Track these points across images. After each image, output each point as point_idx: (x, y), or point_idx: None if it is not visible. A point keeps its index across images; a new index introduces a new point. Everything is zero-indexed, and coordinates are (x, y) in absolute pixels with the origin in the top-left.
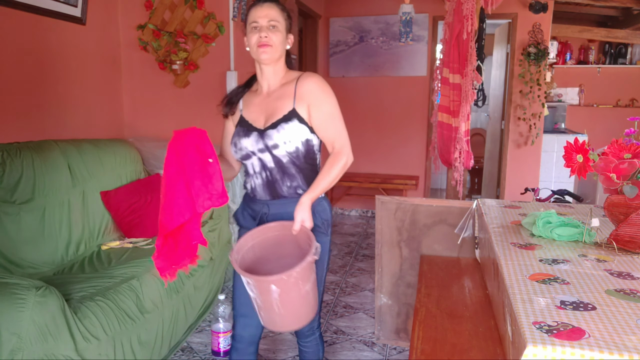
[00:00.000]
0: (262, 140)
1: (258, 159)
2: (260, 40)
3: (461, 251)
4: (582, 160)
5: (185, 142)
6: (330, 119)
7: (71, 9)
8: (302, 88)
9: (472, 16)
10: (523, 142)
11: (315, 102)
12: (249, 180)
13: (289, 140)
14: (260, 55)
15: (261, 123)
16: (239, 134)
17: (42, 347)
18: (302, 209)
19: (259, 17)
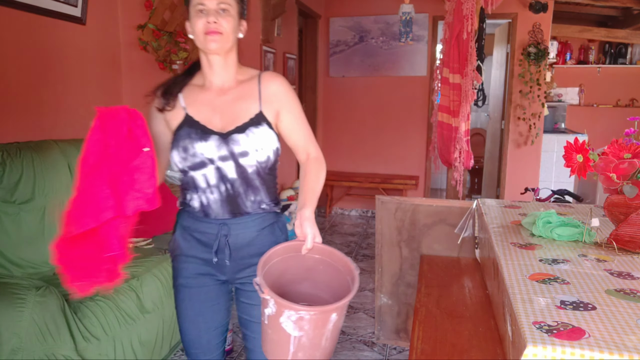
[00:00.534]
0: (226, 146)
1: (216, 169)
2: (208, 26)
3: (461, 251)
4: (582, 160)
5: (114, 124)
6: (302, 123)
7: (71, 8)
8: (269, 89)
9: (472, 16)
10: (523, 142)
11: (286, 105)
12: (197, 196)
13: (260, 147)
14: (209, 44)
15: (217, 125)
16: (190, 137)
17: (42, 346)
18: (310, 223)
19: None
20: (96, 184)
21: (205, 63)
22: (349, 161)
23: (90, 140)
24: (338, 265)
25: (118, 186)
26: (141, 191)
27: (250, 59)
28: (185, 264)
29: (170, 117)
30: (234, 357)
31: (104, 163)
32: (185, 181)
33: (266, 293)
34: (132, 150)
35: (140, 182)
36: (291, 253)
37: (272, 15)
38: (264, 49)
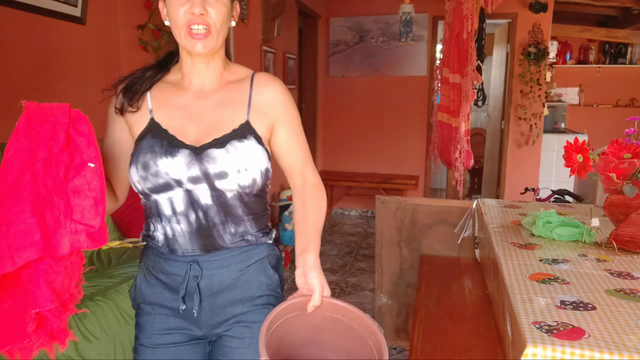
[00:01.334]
0: (199, 164)
1: (185, 192)
2: (192, 19)
3: (461, 251)
4: (582, 160)
5: (46, 129)
6: (301, 141)
7: (71, 8)
8: (263, 95)
9: (472, 16)
10: (524, 142)
11: (284, 117)
12: (160, 226)
13: (244, 167)
14: (194, 44)
15: (191, 136)
16: (153, 150)
17: None
18: (317, 273)
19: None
20: (16, 210)
21: (185, 57)
22: (349, 161)
23: (12, 148)
24: (354, 325)
25: (48, 214)
26: (82, 222)
27: (250, 59)
28: (150, 316)
29: (133, 121)
30: None
31: (28, 181)
32: (148, 206)
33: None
34: (70, 166)
35: (80, 210)
36: (295, 312)
37: (272, 15)
38: (264, 48)
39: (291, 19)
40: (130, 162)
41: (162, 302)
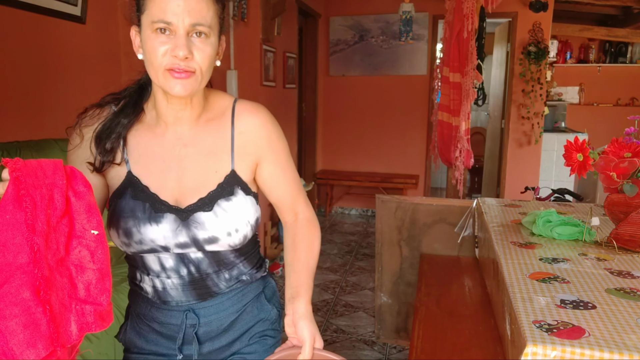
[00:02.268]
0: (186, 230)
1: (174, 254)
2: (173, 63)
3: (461, 250)
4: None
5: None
6: (289, 174)
7: (71, 7)
8: (246, 136)
9: (472, 15)
10: (526, 142)
11: (270, 153)
12: (148, 278)
13: (234, 229)
14: (173, 87)
15: (174, 193)
16: (135, 216)
17: None
18: (308, 322)
19: (175, 13)
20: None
21: (160, 97)
22: (349, 160)
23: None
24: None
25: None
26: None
27: (250, 58)
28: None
29: (106, 170)
30: None
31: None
32: (132, 258)
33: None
34: (71, 236)
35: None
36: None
37: (272, 14)
38: (264, 48)
39: (291, 18)
40: (109, 221)
41: (157, 349)
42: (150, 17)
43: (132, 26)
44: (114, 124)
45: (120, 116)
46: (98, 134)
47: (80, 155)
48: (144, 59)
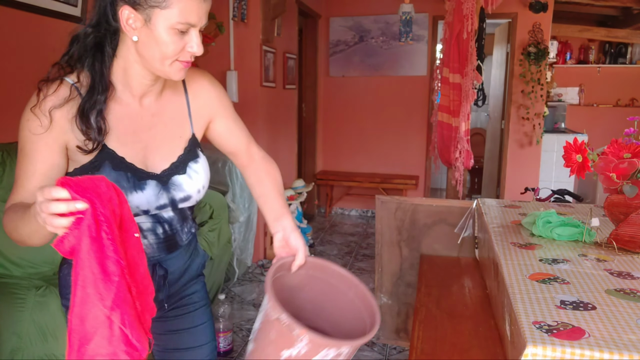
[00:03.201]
0: (167, 193)
1: (150, 217)
2: (186, 57)
3: (461, 251)
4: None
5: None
6: (239, 123)
7: (71, 8)
8: (199, 100)
9: (472, 16)
10: (527, 142)
11: (220, 111)
12: None
13: (202, 186)
14: (177, 74)
15: (147, 161)
16: (120, 185)
17: (42, 346)
18: (298, 234)
19: (200, 16)
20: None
21: (136, 71)
22: (349, 161)
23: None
24: (332, 281)
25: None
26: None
27: (250, 59)
28: None
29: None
30: (234, 357)
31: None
32: None
33: (303, 333)
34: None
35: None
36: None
37: (272, 15)
38: (264, 48)
39: (291, 18)
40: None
41: None
42: (175, 16)
43: (125, 6)
44: (91, 104)
45: (94, 94)
46: (83, 117)
47: (56, 138)
48: (148, 45)
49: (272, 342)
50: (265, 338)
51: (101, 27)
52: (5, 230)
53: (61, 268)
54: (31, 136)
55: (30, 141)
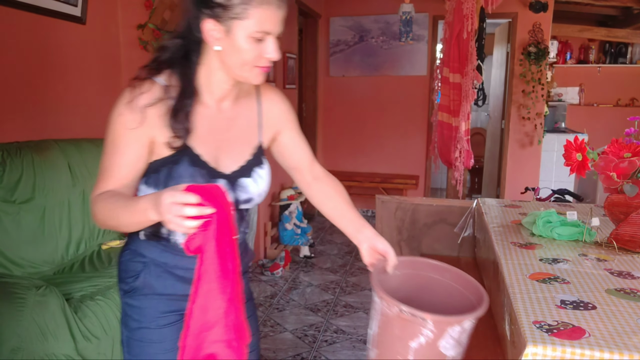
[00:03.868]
0: (232, 193)
1: None
2: (265, 62)
3: (461, 250)
4: (581, 159)
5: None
6: (303, 138)
7: (71, 8)
8: (272, 113)
9: (472, 15)
10: (528, 142)
11: (287, 124)
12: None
13: (264, 191)
14: (256, 78)
15: (219, 161)
16: (196, 180)
17: (42, 346)
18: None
19: (275, 24)
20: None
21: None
22: (349, 161)
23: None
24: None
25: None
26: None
27: None
28: (155, 302)
29: (161, 139)
30: None
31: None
32: None
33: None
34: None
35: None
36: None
37: None
38: None
39: (291, 18)
40: (165, 185)
41: (173, 292)
42: (252, 26)
43: (207, 19)
44: (181, 106)
45: (184, 98)
46: (174, 117)
47: (146, 133)
48: (230, 53)
49: (398, 338)
50: (390, 337)
51: (187, 38)
52: (97, 217)
53: (122, 254)
54: (124, 130)
55: (123, 134)
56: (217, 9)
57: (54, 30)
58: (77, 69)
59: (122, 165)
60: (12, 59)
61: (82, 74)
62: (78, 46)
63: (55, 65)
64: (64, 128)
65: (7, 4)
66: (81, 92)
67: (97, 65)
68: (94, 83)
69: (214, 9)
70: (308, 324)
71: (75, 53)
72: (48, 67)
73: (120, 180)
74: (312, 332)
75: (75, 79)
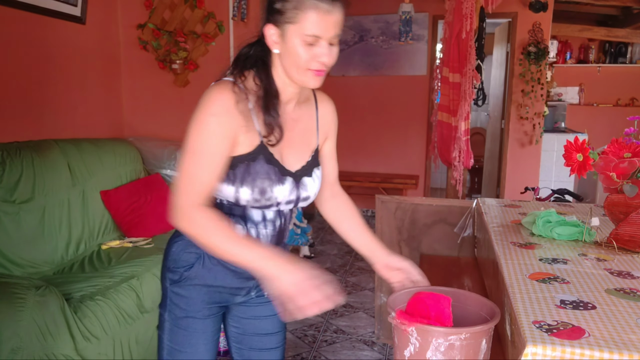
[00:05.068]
0: (297, 191)
1: (277, 209)
2: (317, 65)
3: (461, 250)
4: (581, 159)
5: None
6: (336, 153)
7: (71, 8)
8: (325, 118)
9: (471, 15)
10: (527, 142)
11: (332, 134)
12: (243, 227)
13: (318, 191)
14: (310, 82)
15: (286, 160)
16: (270, 177)
17: (42, 346)
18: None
19: (325, 28)
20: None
21: (285, 81)
22: (349, 161)
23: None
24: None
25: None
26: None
27: None
28: (202, 292)
29: (242, 139)
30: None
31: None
32: (231, 209)
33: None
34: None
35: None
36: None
37: None
38: None
39: None
40: (242, 181)
41: (222, 283)
42: (303, 30)
43: (268, 24)
44: (271, 105)
45: (271, 98)
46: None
47: (233, 121)
48: (285, 56)
49: (397, 348)
50: (395, 347)
51: (260, 43)
52: (195, 234)
53: (174, 244)
54: (214, 132)
55: (214, 136)
56: (276, 14)
57: (54, 30)
58: (77, 68)
59: (212, 169)
60: (12, 59)
61: (82, 73)
62: (78, 46)
63: (55, 65)
64: (63, 128)
65: (7, 4)
66: (81, 92)
67: (97, 65)
68: (94, 83)
69: (273, 14)
70: (308, 324)
71: (75, 53)
72: (48, 67)
73: (211, 184)
74: (312, 332)
75: (75, 78)
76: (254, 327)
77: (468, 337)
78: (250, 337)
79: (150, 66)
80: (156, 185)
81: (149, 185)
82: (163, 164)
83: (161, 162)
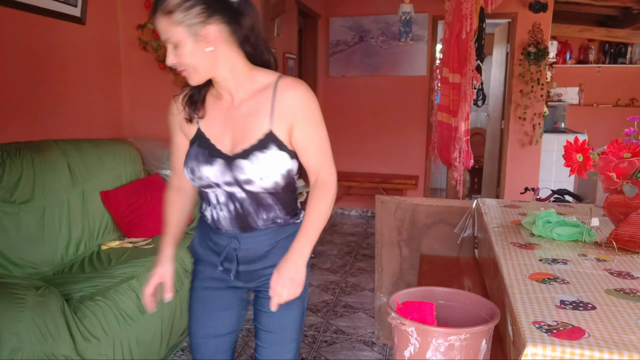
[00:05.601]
0: (230, 172)
1: (224, 191)
2: (177, 67)
3: (461, 251)
4: (581, 160)
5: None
6: (317, 142)
7: (71, 8)
8: (283, 103)
9: (471, 15)
10: (527, 142)
11: (301, 121)
12: (209, 209)
13: (265, 175)
14: (188, 80)
15: (227, 145)
16: (197, 158)
17: (42, 346)
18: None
19: (161, 34)
20: None
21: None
22: (349, 161)
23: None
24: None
25: None
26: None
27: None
28: (202, 266)
29: (186, 129)
30: (234, 357)
31: None
32: (200, 192)
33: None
34: None
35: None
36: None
37: (271, 15)
38: None
39: (291, 18)
40: (184, 163)
41: (211, 261)
42: None
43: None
44: (195, 88)
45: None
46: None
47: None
48: None
49: (397, 348)
50: (395, 348)
51: None
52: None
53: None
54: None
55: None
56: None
57: (54, 31)
58: (77, 69)
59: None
60: (12, 59)
61: (82, 74)
62: (78, 46)
63: (55, 66)
64: (63, 128)
65: (7, 4)
66: (81, 93)
67: (97, 65)
68: (93, 83)
69: None
70: (308, 325)
71: (75, 53)
72: (48, 68)
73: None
74: (311, 332)
75: (75, 79)
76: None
77: (468, 337)
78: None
79: (150, 66)
80: (156, 186)
81: (149, 185)
82: (163, 164)
83: (161, 162)
